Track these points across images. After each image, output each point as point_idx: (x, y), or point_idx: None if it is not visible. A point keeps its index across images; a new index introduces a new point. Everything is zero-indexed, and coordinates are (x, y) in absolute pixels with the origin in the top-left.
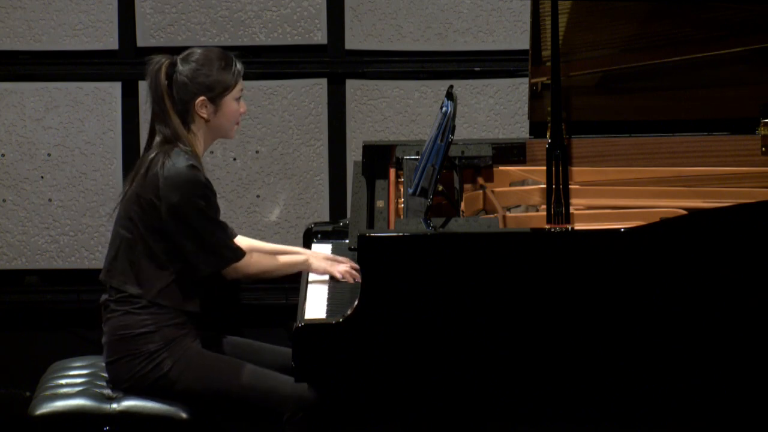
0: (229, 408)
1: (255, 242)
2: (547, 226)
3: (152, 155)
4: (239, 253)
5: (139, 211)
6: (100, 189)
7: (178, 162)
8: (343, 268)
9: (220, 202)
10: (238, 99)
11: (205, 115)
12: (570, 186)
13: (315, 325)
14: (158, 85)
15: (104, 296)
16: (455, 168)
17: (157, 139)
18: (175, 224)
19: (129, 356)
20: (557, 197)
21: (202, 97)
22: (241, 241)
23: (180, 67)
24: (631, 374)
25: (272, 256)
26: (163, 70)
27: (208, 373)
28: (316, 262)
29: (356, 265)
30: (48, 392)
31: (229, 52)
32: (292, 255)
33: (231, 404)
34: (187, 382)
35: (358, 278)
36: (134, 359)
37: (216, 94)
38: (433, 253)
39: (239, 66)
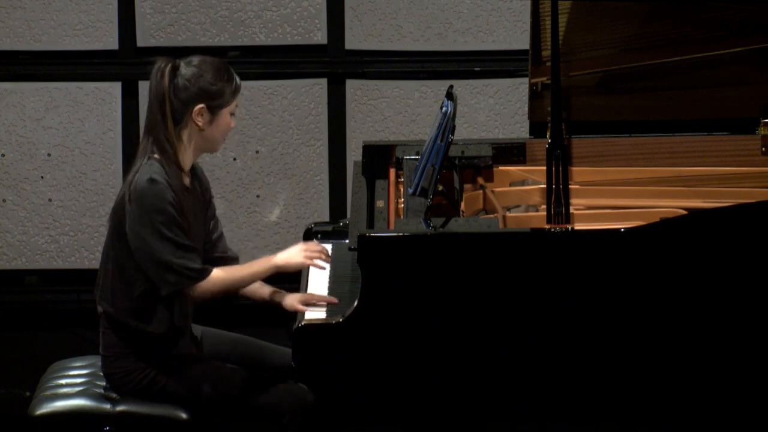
0: (229, 413)
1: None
2: (547, 226)
3: (134, 167)
4: (203, 272)
5: (115, 226)
6: (100, 189)
7: (143, 175)
8: (310, 253)
9: (220, 202)
10: (233, 114)
11: (200, 124)
12: (570, 186)
13: (315, 325)
14: (160, 87)
15: (99, 307)
16: (455, 168)
17: (144, 147)
18: (133, 242)
19: (123, 372)
20: (557, 197)
21: (201, 105)
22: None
23: (182, 70)
24: (632, 374)
25: (235, 267)
26: (166, 72)
27: (205, 382)
28: (280, 258)
29: (324, 248)
30: (48, 392)
31: (229, 66)
32: (259, 261)
33: (230, 409)
34: (184, 393)
35: (325, 258)
36: (129, 375)
37: (216, 104)
38: (433, 253)
39: (238, 81)
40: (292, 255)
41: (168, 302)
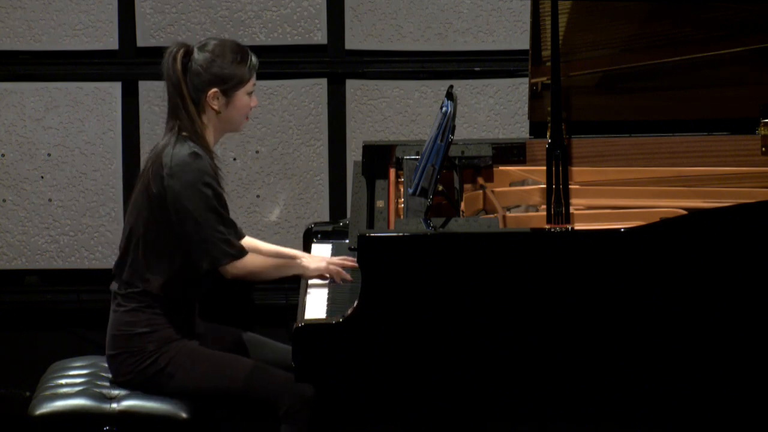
0: (228, 403)
1: (255, 241)
2: (547, 226)
3: (160, 145)
4: (242, 251)
5: (146, 203)
6: (100, 189)
7: (182, 150)
8: (333, 267)
9: None
10: (250, 93)
11: (216, 107)
12: (570, 186)
13: (315, 325)
14: (174, 73)
15: (113, 284)
16: (455, 168)
17: (171, 129)
18: (177, 214)
19: (128, 353)
20: (557, 197)
21: (214, 89)
22: (243, 240)
23: (195, 55)
24: (631, 374)
25: (269, 258)
26: (179, 58)
27: (205, 370)
28: (312, 265)
29: (348, 261)
30: (48, 392)
31: (245, 46)
32: (289, 259)
33: (229, 399)
34: (184, 379)
35: (346, 276)
36: (133, 356)
37: (229, 86)
38: (433, 253)
39: (254, 60)
40: (320, 264)
41: (180, 279)
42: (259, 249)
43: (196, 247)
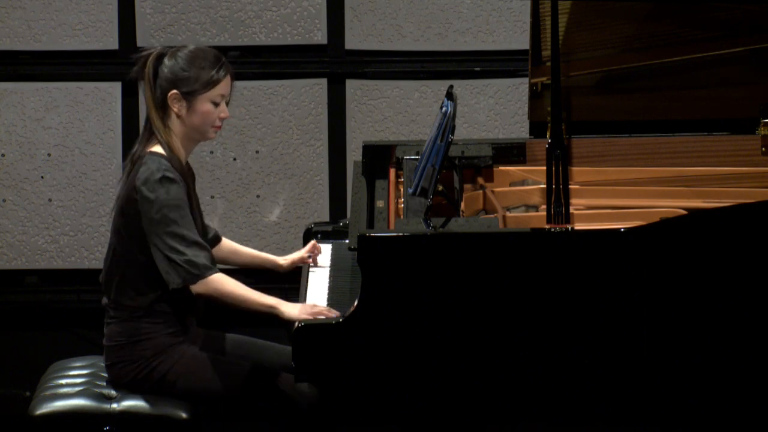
0: (230, 407)
1: (234, 245)
2: (547, 226)
3: (132, 157)
4: (204, 271)
5: (123, 221)
6: (100, 189)
7: (152, 171)
8: (316, 309)
9: (220, 202)
10: (216, 103)
11: (176, 110)
12: (570, 186)
13: (315, 325)
14: (144, 73)
15: (104, 299)
16: (455, 168)
17: (141, 134)
18: (149, 236)
19: (126, 362)
20: (557, 197)
21: (174, 91)
22: (225, 244)
23: (166, 59)
24: (631, 374)
25: (239, 284)
26: (150, 60)
27: (205, 376)
28: (288, 309)
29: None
30: (48, 392)
31: (222, 57)
32: (265, 296)
33: (231, 404)
34: (185, 385)
35: (329, 314)
36: (131, 364)
37: (188, 90)
38: (433, 253)
39: (224, 71)
40: (294, 311)
41: (166, 295)
42: (238, 251)
43: (162, 269)
